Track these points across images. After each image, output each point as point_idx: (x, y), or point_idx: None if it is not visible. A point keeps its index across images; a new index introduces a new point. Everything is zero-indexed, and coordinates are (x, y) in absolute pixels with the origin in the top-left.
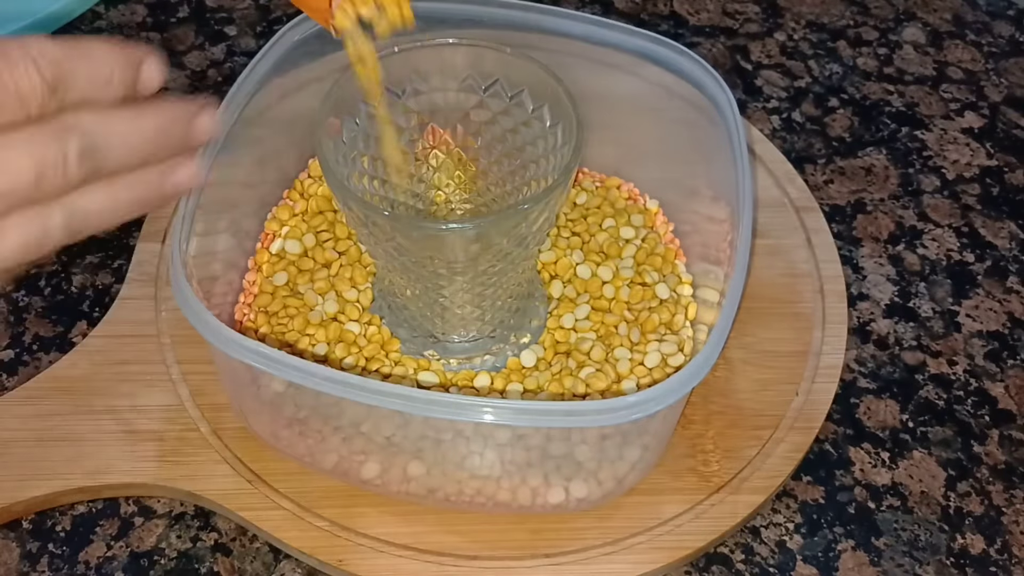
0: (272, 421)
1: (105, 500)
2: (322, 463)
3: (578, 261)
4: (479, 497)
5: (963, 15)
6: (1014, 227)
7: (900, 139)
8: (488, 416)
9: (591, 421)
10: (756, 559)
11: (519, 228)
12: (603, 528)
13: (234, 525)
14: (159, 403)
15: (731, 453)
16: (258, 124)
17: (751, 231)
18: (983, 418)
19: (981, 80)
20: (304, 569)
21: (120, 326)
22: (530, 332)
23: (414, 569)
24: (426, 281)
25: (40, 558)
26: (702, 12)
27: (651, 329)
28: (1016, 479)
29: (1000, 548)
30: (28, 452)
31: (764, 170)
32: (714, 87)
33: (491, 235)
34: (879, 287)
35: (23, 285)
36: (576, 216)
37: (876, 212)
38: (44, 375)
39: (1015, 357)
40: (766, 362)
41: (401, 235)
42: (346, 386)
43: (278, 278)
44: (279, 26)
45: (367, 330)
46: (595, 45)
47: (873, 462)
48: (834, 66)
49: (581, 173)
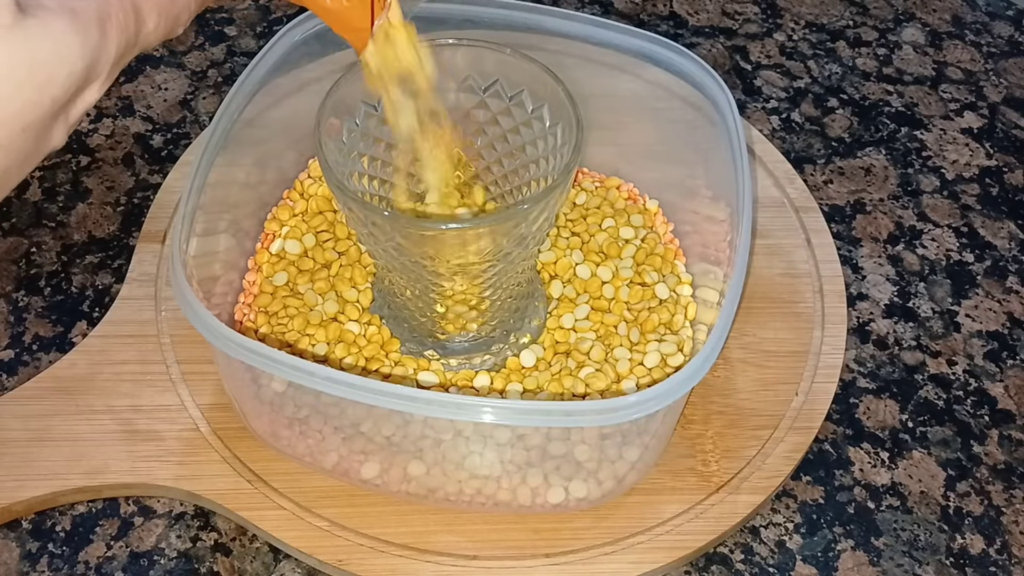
0: (272, 421)
1: (105, 500)
2: (322, 463)
3: (578, 261)
4: (479, 497)
5: (962, 15)
6: (1013, 227)
7: (899, 139)
8: (488, 416)
9: (591, 421)
10: (756, 559)
11: (519, 228)
12: (603, 528)
13: (234, 525)
14: (159, 403)
15: (731, 453)
16: (258, 124)
17: (751, 231)
18: (982, 418)
19: (980, 80)
20: (304, 569)
21: (120, 326)
22: (530, 332)
23: (414, 569)
24: (426, 281)
25: (40, 558)
26: (701, 12)
27: (651, 329)
28: (1015, 479)
29: (1000, 548)
30: (28, 452)
31: (763, 170)
32: (713, 87)
33: (490, 235)
34: (878, 287)
35: (23, 285)
36: (576, 216)
37: (875, 212)
38: (44, 375)
39: (1014, 357)
40: (766, 362)
41: (401, 235)
42: (346, 386)
43: (278, 278)
44: (279, 26)
45: (367, 330)
46: (595, 45)
47: (872, 462)
48: (833, 66)
49: (581, 173)
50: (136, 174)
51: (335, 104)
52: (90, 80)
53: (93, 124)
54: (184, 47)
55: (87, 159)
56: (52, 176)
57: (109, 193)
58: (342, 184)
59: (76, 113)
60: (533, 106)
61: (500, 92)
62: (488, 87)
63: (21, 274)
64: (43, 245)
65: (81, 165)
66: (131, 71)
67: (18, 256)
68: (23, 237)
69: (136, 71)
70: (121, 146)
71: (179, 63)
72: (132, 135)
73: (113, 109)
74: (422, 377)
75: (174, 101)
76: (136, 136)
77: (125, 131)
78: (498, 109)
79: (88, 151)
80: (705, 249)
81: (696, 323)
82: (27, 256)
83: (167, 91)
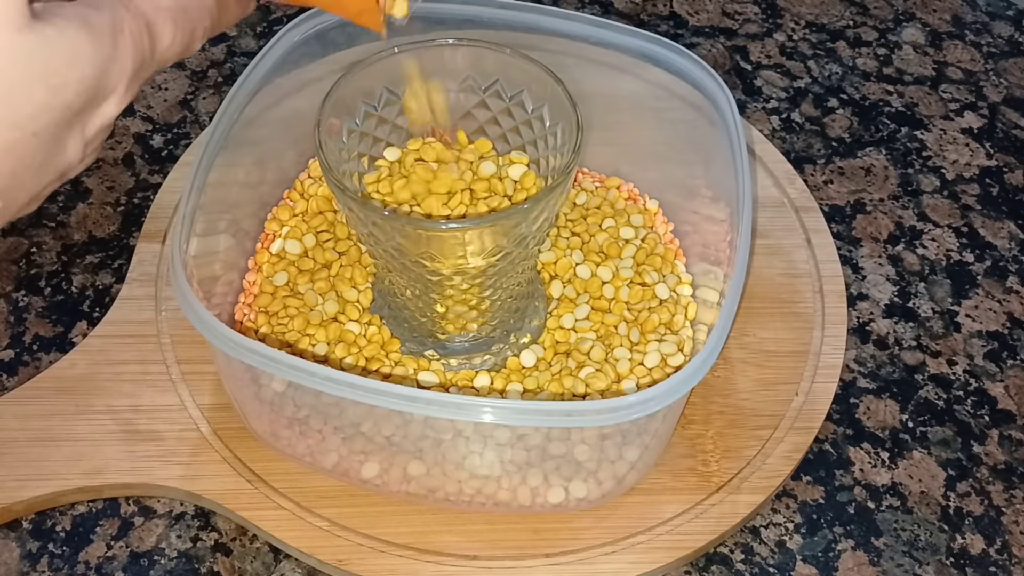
0: (272, 421)
1: (105, 500)
2: (322, 463)
3: (578, 261)
4: (479, 497)
5: (962, 15)
6: (1013, 227)
7: (899, 139)
8: (488, 416)
9: (591, 421)
10: (756, 559)
11: (519, 228)
12: (603, 528)
13: (234, 525)
14: (159, 403)
15: (731, 453)
16: (258, 124)
17: (751, 231)
18: (983, 418)
19: (980, 80)
20: (304, 569)
21: (120, 326)
22: (530, 332)
23: (414, 569)
24: (426, 281)
25: (40, 558)
26: (702, 12)
27: (651, 329)
28: (1016, 479)
29: (1000, 548)
30: (28, 452)
31: (764, 170)
32: (713, 87)
33: (491, 235)
34: (879, 287)
35: (23, 285)
36: (576, 216)
37: (875, 212)
38: (44, 375)
39: (1015, 357)
40: (766, 362)
41: (400, 235)
42: (346, 386)
43: (278, 278)
44: (279, 26)
45: (367, 330)
46: (595, 45)
47: (873, 462)
48: (833, 66)
49: (581, 173)
50: (136, 174)
51: (335, 104)
52: (105, 92)
53: None
54: None
55: None
56: None
57: (109, 193)
58: (342, 184)
59: (93, 127)
60: (533, 106)
61: (500, 92)
62: (488, 87)
63: (21, 274)
64: (43, 245)
65: None
66: None
67: (18, 256)
68: (23, 237)
69: None
70: (121, 146)
71: (179, 63)
72: (132, 135)
73: None
74: (422, 377)
75: (174, 101)
76: (136, 136)
77: (125, 131)
78: (498, 109)
79: None
80: (705, 249)
81: (696, 323)
82: (27, 256)
83: (167, 91)
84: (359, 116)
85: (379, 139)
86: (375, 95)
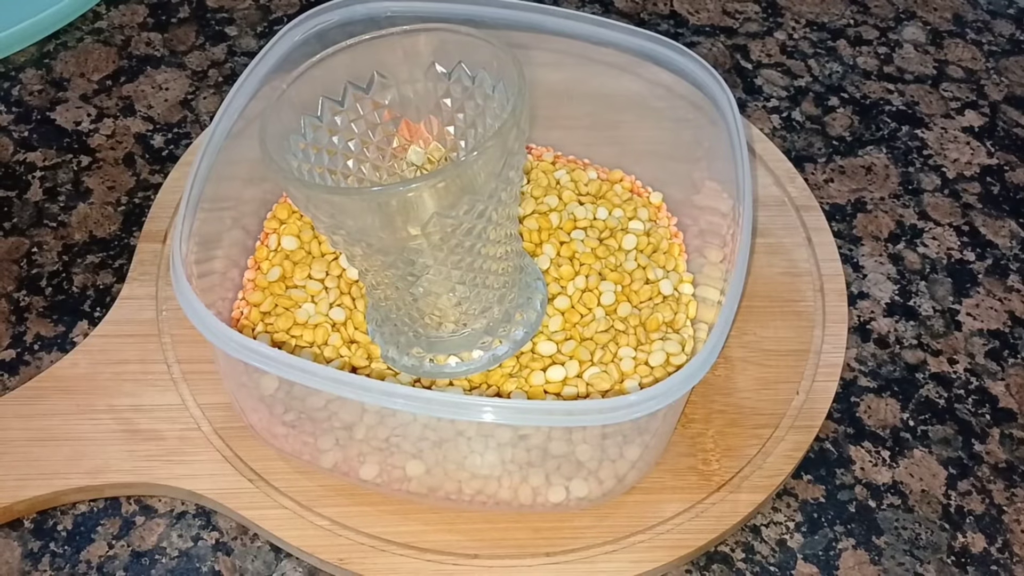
0: (272, 420)
1: (106, 499)
2: (322, 462)
3: (579, 261)
4: (480, 496)
5: (963, 14)
6: (1015, 226)
7: (900, 138)
8: (489, 416)
9: (592, 420)
10: (756, 558)
11: (473, 182)
12: (604, 527)
13: (235, 524)
14: (160, 402)
15: (731, 452)
16: None
17: (751, 230)
18: (984, 417)
19: (981, 79)
20: (305, 568)
21: (121, 326)
22: (523, 325)
23: (415, 568)
24: (404, 271)
25: (42, 557)
26: (702, 11)
27: (654, 328)
28: (1017, 478)
29: (1001, 547)
30: (29, 451)
31: (764, 169)
32: (714, 86)
33: (445, 190)
34: (879, 286)
35: (24, 285)
36: (581, 216)
37: (876, 211)
38: (45, 375)
39: (1016, 356)
40: (766, 361)
41: (351, 217)
42: (346, 386)
43: (272, 273)
44: (279, 26)
45: (354, 333)
46: (595, 45)
47: (874, 461)
48: (834, 65)
49: (584, 163)
50: (137, 174)
51: (286, 106)
52: None
53: (94, 124)
54: (185, 47)
55: (88, 159)
56: (53, 176)
57: (110, 193)
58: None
59: None
60: (493, 84)
61: (462, 76)
62: (451, 72)
63: (22, 274)
64: (44, 245)
65: (82, 165)
66: (132, 71)
67: (19, 256)
68: (24, 237)
69: (137, 71)
70: (122, 146)
71: (180, 63)
72: (133, 135)
73: (114, 109)
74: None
75: (175, 101)
76: (137, 136)
77: (126, 131)
78: (462, 94)
79: (89, 151)
80: (706, 248)
81: (697, 322)
82: (28, 256)
83: (168, 91)
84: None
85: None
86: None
